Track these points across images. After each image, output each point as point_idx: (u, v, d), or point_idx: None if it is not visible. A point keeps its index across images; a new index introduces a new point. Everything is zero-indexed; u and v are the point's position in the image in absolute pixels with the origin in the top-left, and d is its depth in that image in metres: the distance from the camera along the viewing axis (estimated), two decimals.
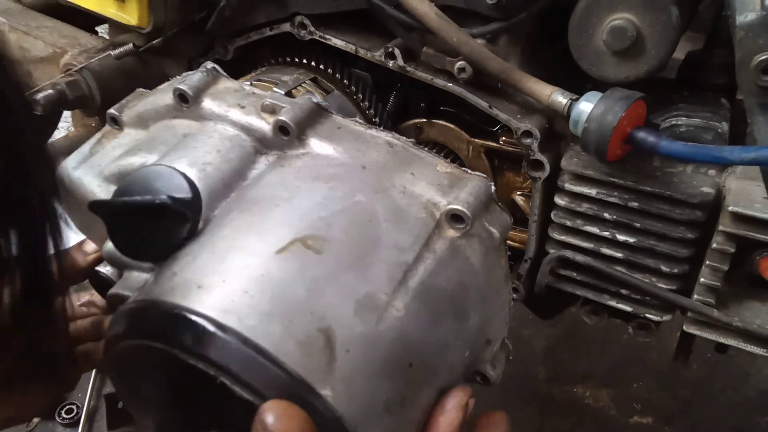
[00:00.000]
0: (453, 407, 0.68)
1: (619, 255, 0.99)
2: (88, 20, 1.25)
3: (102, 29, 1.37)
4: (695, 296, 0.95)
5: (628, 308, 1.02)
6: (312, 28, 1.08)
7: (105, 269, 0.87)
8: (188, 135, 0.81)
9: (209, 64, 0.87)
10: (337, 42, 1.08)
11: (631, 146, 0.89)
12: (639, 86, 0.90)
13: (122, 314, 0.65)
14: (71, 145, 1.18)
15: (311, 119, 0.78)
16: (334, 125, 0.80)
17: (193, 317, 0.59)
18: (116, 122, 0.91)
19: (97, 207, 0.71)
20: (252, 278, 0.62)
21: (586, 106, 0.88)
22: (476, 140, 1.12)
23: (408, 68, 1.03)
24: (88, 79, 1.14)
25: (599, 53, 0.93)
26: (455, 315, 0.70)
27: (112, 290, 0.76)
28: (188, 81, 0.83)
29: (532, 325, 2.22)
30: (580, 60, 0.95)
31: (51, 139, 1.24)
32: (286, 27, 1.11)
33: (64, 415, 2.08)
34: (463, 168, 0.77)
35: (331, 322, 0.61)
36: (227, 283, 0.62)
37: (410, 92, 1.17)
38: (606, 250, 0.99)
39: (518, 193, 1.12)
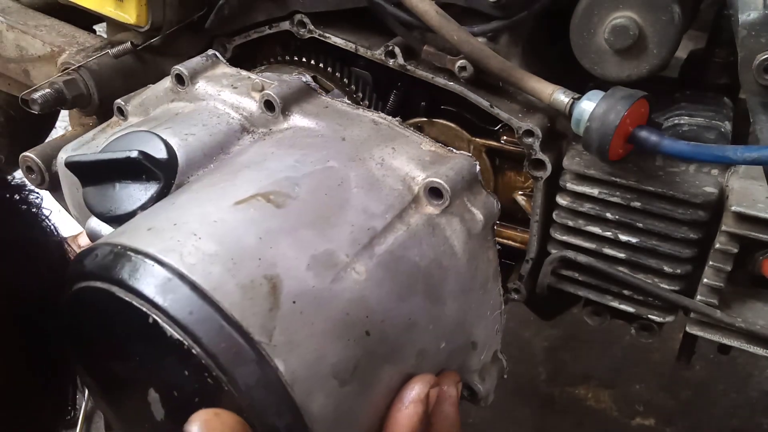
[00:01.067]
0: (411, 401, 0.62)
1: (621, 255, 0.98)
2: (86, 19, 1.25)
3: (100, 28, 1.37)
4: (698, 297, 0.94)
5: (630, 309, 1.02)
6: (312, 27, 1.08)
7: None
8: (179, 113, 0.82)
9: (210, 51, 0.88)
10: (336, 40, 1.07)
11: (633, 145, 0.88)
12: (641, 85, 0.90)
13: (74, 259, 0.62)
14: None
15: (298, 97, 0.78)
16: (322, 104, 0.79)
17: (131, 253, 0.56)
18: (122, 112, 0.92)
19: (73, 165, 0.71)
20: (203, 223, 0.60)
21: (588, 105, 0.87)
22: (477, 139, 1.11)
23: (408, 67, 1.02)
24: (86, 78, 1.13)
25: (601, 52, 0.92)
26: (428, 295, 0.66)
27: None
28: (186, 64, 0.85)
29: (533, 325, 2.21)
30: (582, 59, 0.94)
31: (48, 139, 1.23)
32: (286, 25, 1.10)
33: None
34: (450, 148, 0.74)
35: (280, 271, 0.57)
36: (177, 225, 0.59)
37: (410, 91, 1.16)
38: (608, 251, 0.99)
39: (520, 192, 1.11)
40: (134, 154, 0.67)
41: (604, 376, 2.09)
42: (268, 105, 0.76)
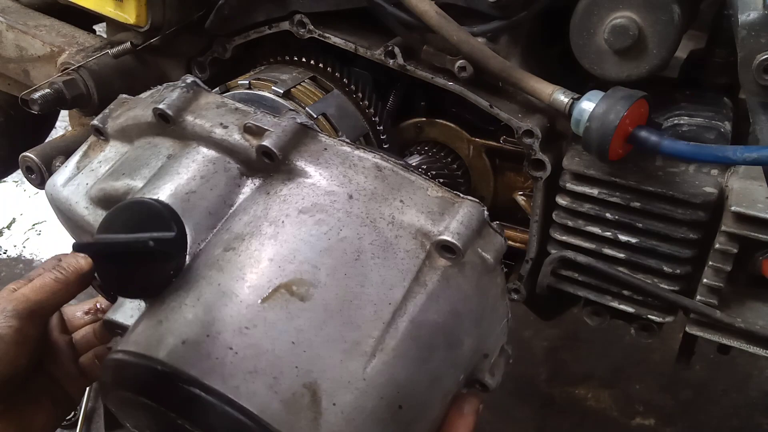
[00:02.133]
0: (469, 412, 0.71)
1: (621, 255, 0.98)
2: (86, 19, 1.25)
3: (100, 28, 1.37)
4: (698, 297, 0.94)
5: (630, 309, 1.01)
6: (311, 27, 1.08)
7: None
8: (171, 156, 0.79)
9: (189, 78, 0.83)
10: (336, 40, 1.07)
11: (633, 145, 0.88)
12: (641, 85, 0.90)
13: (111, 364, 0.65)
14: (68, 145, 1.17)
15: (296, 141, 0.75)
16: (321, 146, 0.76)
17: (178, 379, 0.59)
18: (101, 133, 0.88)
19: (82, 249, 0.71)
20: (236, 332, 0.62)
21: (587, 105, 0.87)
22: (477, 139, 1.11)
23: (408, 67, 1.02)
24: (86, 78, 1.13)
25: (601, 52, 0.92)
26: (448, 345, 0.69)
27: (108, 315, 0.75)
28: (167, 100, 0.79)
29: (533, 325, 2.21)
30: (582, 59, 0.94)
31: (48, 139, 1.23)
32: (286, 25, 1.10)
33: None
34: (455, 192, 0.74)
35: (317, 375, 0.61)
36: (211, 338, 0.62)
37: (410, 91, 1.16)
38: (608, 251, 0.98)
39: (519, 192, 1.12)
40: (147, 242, 0.67)
41: (604, 376, 2.09)
42: (267, 155, 0.73)
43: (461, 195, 0.73)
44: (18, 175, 1.42)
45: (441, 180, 1.13)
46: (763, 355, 0.94)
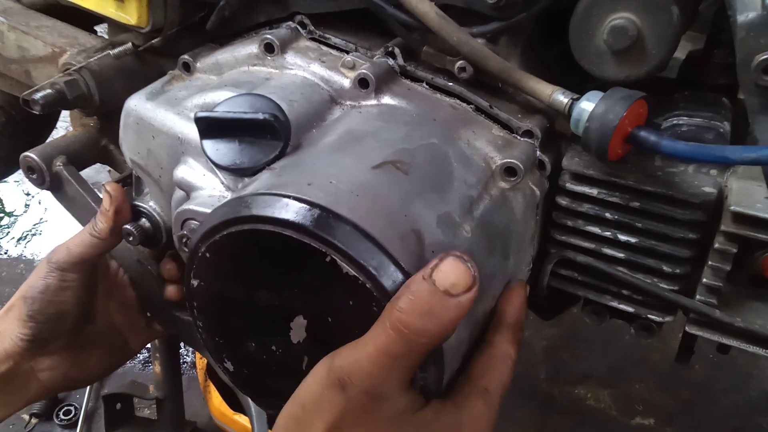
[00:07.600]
0: (518, 300, 0.82)
1: (620, 255, 0.98)
2: (87, 20, 1.25)
3: (101, 29, 1.37)
4: (697, 297, 0.94)
5: (629, 309, 1.02)
6: (312, 28, 1.08)
7: (143, 203, 1.00)
8: (271, 78, 0.92)
9: (292, 24, 1.00)
10: (337, 41, 1.07)
11: (632, 146, 0.88)
12: (640, 86, 0.90)
13: (230, 204, 0.71)
14: (69, 145, 1.18)
15: (387, 78, 0.90)
16: (405, 87, 0.93)
17: (309, 206, 0.66)
18: (188, 68, 1.02)
19: (202, 119, 0.81)
20: (354, 183, 0.71)
21: (587, 105, 0.87)
22: None
23: (408, 67, 1.02)
24: (87, 79, 1.13)
25: (600, 53, 0.93)
26: (502, 252, 0.82)
27: (184, 206, 0.86)
28: (275, 33, 0.96)
29: (533, 325, 2.22)
30: (581, 60, 0.95)
31: (49, 139, 1.24)
32: None
33: (62, 416, 2.08)
34: (513, 134, 0.91)
35: (420, 227, 0.70)
36: (334, 184, 0.70)
37: None
38: (607, 251, 0.99)
39: None
40: (267, 116, 0.78)
41: (604, 375, 2.09)
42: (363, 83, 0.87)
43: (519, 137, 0.91)
44: (18, 175, 1.42)
45: None
46: (763, 355, 0.94)
